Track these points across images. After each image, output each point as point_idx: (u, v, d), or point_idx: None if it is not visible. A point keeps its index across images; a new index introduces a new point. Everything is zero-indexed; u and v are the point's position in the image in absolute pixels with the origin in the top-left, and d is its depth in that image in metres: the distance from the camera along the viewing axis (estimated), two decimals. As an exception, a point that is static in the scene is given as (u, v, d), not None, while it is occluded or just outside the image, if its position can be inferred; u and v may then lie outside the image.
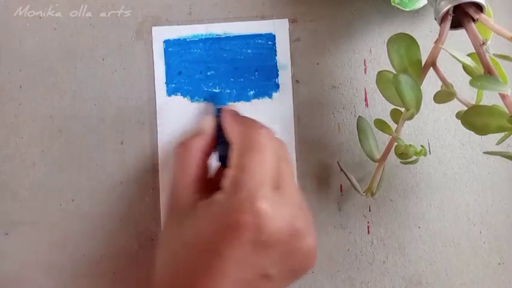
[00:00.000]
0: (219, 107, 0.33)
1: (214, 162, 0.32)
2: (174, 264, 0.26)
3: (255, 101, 0.35)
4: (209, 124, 0.32)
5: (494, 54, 0.27)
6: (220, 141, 0.31)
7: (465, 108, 0.28)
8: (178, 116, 0.35)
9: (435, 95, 0.29)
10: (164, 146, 0.35)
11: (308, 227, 0.27)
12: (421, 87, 0.29)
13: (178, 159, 0.30)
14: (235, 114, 0.31)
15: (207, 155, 0.31)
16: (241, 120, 0.30)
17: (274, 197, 0.26)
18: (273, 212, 0.25)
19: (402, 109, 0.30)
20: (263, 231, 0.25)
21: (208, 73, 0.35)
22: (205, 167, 0.30)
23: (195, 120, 0.35)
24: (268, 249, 0.25)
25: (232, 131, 0.29)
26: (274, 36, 0.35)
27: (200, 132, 0.31)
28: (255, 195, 0.25)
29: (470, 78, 0.27)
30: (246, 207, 0.25)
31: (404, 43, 0.30)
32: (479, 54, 0.28)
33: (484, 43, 0.27)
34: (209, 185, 0.30)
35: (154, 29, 0.35)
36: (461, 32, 0.29)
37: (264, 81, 0.35)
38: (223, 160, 0.31)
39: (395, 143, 0.31)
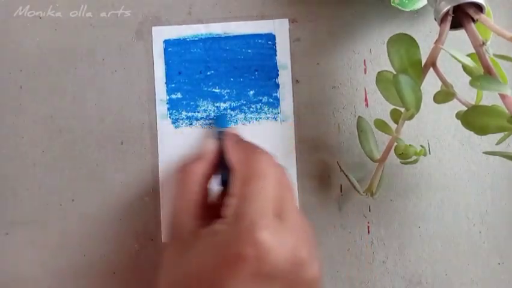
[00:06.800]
0: (221, 130, 0.33)
1: (216, 186, 0.31)
2: None
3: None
4: (210, 148, 0.31)
5: (494, 55, 0.27)
6: (222, 165, 0.31)
7: (465, 108, 0.28)
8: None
9: (435, 95, 0.29)
10: (164, 146, 0.35)
11: (312, 257, 0.27)
12: (421, 88, 0.29)
13: (179, 184, 0.30)
14: (237, 139, 0.31)
15: (208, 179, 0.30)
16: (242, 146, 0.30)
17: (276, 226, 0.25)
18: (275, 243, 0.24)
19: (402, 109, 0.30)
20: (265, 263, 0.24)
21: (208, 73, 0.35)
22: (206, 192, 0.30)
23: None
24: (271, 281, 0.25)
25: (233, 157, 0.29)
26: (274, 36, 0.35)
27: (201, 156, 0.31)
28: (256, 225, 0.24)
29: (470, 78, 0.27)
30: (247, 239, 0.24)
31: (404, 43, 0.30)
32: (479, 55, 0.28)
33: (483, 43, 0.27)
34: (211, 210, 0.29)
35: (154, 29, 0.35)
36: (461, 32, 0.29)
37: (264, 81, 0.35)
38: (225, 184, 0.31)
39: (395, 143, 0.31)
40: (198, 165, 0.30)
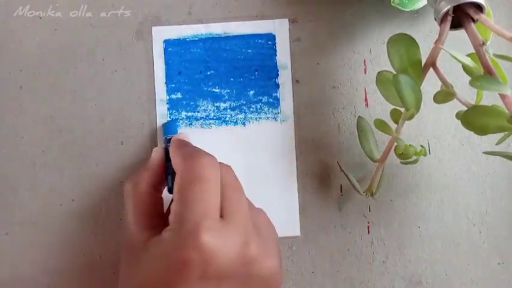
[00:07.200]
0: (168, 137, 0.33)
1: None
2: None
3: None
4: (156, 157, 0.31)
5: (494, 55, 0.27)
6: (170, 172, 0.30)
7: (465, 108, 0.28)
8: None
9: (435, 95, 0.29)
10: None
11: (264, 251, 0.27)
12: (421, 87, 0.29)
13: (128, 197, 0.30)
14: (180, 144, 0.30)
15: (156, 188, 0.30)
16: (184, 151, 0.29)
17: (220, 228, 0.25)
18: (219, 244, 0.25)
19: (402, 109, 0.30)
20: (211, 265, 0.24)
21: (208, 73, 0.35)
22: (155, 202, 0.30)
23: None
24: (220, 281, 0.25)
25: (175, 163, 0.29)
26: (274, 36, 0.35)
27: (147, 166, 0.31)
28: (197, 229, 0.24)
29: (470, 78, 0.27)
30: (190, 243, 0.24)
31: (404, 43, 0.30)
32: (479, 55, 0.28)
33: (483, 43, 0.27)
34: (164, 219, 0.29)
35: (154, 29, 0.35)
36: (461, 32, 0.29)
37: (264, 81, 0.35)
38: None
39: (395, 143, 0.31)
40: (144, 175, 0.30)
